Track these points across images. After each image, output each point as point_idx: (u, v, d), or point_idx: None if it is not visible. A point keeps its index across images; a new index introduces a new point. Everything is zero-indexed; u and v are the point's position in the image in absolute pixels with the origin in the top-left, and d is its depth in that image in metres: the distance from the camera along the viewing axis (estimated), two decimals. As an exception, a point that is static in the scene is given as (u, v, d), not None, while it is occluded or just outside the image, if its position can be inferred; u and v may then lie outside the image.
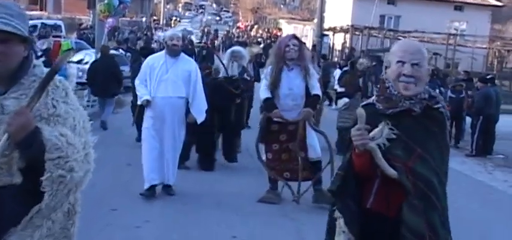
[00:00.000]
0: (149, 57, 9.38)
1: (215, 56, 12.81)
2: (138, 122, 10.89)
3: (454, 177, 12.03)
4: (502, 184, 12.42)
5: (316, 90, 8.65)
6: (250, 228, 7.90)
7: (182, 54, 9.14)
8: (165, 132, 8.77)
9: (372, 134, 3.48)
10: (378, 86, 3.76)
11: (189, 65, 9.08)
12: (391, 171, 3.43)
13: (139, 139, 10.84)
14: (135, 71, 11.24)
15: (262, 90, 8.60)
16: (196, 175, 10.56)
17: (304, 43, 8.45)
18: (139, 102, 9.21)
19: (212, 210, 8.50)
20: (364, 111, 3.44)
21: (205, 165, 11.02)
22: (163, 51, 9.16)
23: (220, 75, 11.50)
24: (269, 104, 8.47)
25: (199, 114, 9.01)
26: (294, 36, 9.01)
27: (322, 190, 8.48)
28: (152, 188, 8.79)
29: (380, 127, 3.51)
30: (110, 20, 19.92)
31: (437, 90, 15.87)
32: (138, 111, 10.72)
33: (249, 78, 12.62)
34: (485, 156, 15.55)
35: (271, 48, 10.52)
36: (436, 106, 3.59)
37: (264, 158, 8.82)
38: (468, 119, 17.39)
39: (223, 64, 11.64)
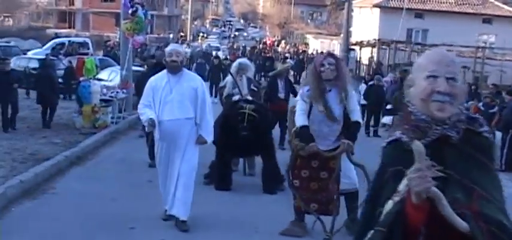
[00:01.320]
0: (152, 79, 8.28)
1: (229, 75, 11.31)
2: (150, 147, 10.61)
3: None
4: (533, 200, 12.00)
5: (356, 115, 7.54)
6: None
7: (185, 70, 8.34)
8: (175, 157, 8.00)
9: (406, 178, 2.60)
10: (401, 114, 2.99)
11: (194, 81, 8.17)
12: (463, 224, 2.54)
13: (152, 164, 10.42)
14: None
15: (298, 115, 7.47)
16: (213, 193, 10.05)
17: (342, 60, 7.48)
18: (145, 125, 8.26)
19: (230, 233, 8.18)
20: (421, 147, 2.56)
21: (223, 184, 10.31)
22: (165, 71, 8.12)
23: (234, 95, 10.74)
24: (305, 134, 7.40)
25: (209, 135, 8.16)
26: (330, 54, 7.80)
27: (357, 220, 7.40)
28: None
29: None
30: (139, 37, 19.88)
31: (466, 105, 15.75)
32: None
33: (256, 89, 11.54)
34: (515, 170, 15.20)
35: (306, 65, 9.53)
36: (480, 130, 2.86)
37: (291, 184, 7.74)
38: (497, 133, 17.10)
39: (237, 84, 10.65)
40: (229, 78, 11.32)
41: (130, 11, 18.62)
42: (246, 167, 11.48)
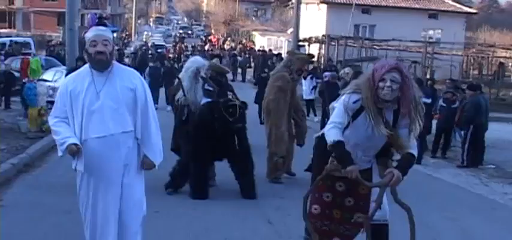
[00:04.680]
0: (67, 79, 5.96)
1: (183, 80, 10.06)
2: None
3: (452, 191, 11.60)
4: (502, 197, 11.81)
5: (414, 149, 5.51)
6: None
7: (117, 64, 5.81)
8: (109, 194, 5.62)
9: None
10: None
11: (130, 79, 5.71)
12: None
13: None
14: None
15: (332, 128, 5.50)
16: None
17: (409, 77, 5.46)
18: (60, 154, 5.65)
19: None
20: None
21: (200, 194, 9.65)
22: (87, 66, 5.70)
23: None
24: (343, 154, 5.39)
25: (157, 154, 5.83)
26: (397, 68, 5.39)
27: None
28: None
29: None
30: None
31: (430, 100, 15.42)
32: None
33: (211, 89, 10.36)
34: (477, 166, 14.97)
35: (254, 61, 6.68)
36: None
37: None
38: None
39: (184, 92, 9.87)
40: (185, 83, 10.01)
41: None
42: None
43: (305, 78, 22.43)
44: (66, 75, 13.28)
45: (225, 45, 66.09)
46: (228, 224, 8.30)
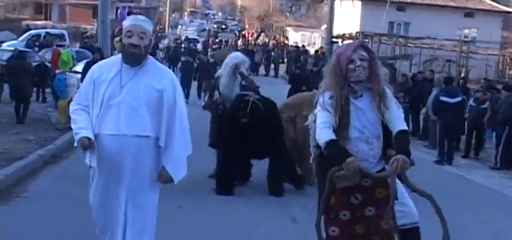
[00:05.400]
0: (95, 66, 5.38)
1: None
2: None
3: (484, 194, 11.34)
4: (537, 200, 11.49)
5: (401, 123, 5.19)
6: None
7: (152, 60, 5.28)
8: (120, 194, 5.17)
9: None
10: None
11: (160, 79, 5.16)
12: None
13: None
14: None
15: (321, 130, 5.09)
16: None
17: (374, 53, 5.32)
18: (75, 144, 5.17)
19: None
20: None
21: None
22: (119, 56, 5.28)
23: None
24: (336, 149, 5.01)
25: (178, 169, 5.25)
26: (362, 45, 5.26)
27: None
28: None
29: None
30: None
31: (461, 98, 15.15)
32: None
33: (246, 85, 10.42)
34: (510, 168, 14.65)
35: (324, 65, 6.31)
36: None
37: (324, 236, 5.22)
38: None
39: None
40: (223, 79, 10.08)
41: (118, 29, 17.98)
42: None
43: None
44: (84, 68, 13.20)
45: (259, 41, 65.96)
46: (253, 221, 8.20)
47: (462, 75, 30.66)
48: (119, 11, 18.40)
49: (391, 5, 43.85)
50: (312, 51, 44.37)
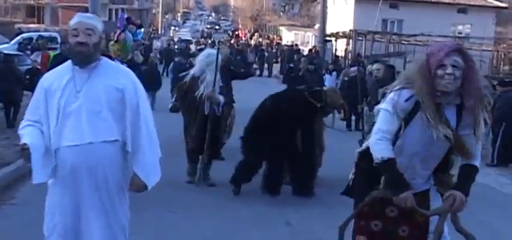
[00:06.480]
0: (45, 76, 4.82)
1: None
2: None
3: (481, 192, 11.17)
4: (537, 199, 11.33)
5: (476, 158, 4.46)
6: None
7: (105, 59, 4.79)
8: (85, 217, 4.62)
9: None
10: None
11: (119, 78, 4.67)
12: None
13: None
14: None
15: (377, 140, 4.37)
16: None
17: (473, 61, 4.32)
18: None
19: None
20: None
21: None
22: (69, 62, 4.68)
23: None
24: (396, 176, 4.32)
25: (150, 174, 4.76)
26: (458, 49, 4.30)
27: None
28: None
29: None
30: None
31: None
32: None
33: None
34: (507, 165, 14.50)
35: (320, 64, 5.10)
36: None
37: None
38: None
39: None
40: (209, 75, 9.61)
41: (116, 34, 17.82)
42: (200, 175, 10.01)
43: (330, 74, 22.04)
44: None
45: (252, 41, 65.90)
46: (246, 224, 8.04)
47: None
48: (118, 17, 18.31)
49: (384, 3, 43.73)
50: (306, 50, 44.24)
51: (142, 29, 19.36)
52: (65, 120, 4.51)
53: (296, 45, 48.44)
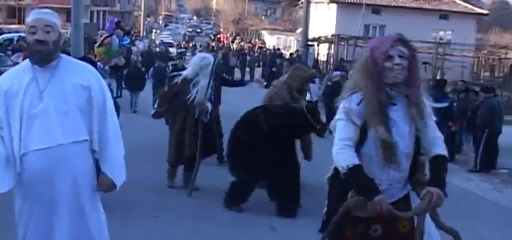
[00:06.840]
0: (2, 77, 4.51)
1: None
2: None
3: (464, 197, 11.19)
4: (518, 205, 11.37)
5: (441, 146, 4.23)
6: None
7: (66, 57, 4.57)
8: (54, 227, 4.36)
9: None
10: None
11: (83, 73, 4.49)
12: None
13: None
14: None
15: (339, 149, 4.09)
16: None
17: (415, 50, 4.17)
18: None
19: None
20: None
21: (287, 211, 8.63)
22: (27, 61, 4.44)
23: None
24: (364, 181, 4.04)
25: (118, 172, 4.57)
26: (401, 39, 4.09)
27: None
28: None
29: None
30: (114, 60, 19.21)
31: (446, 103, 14.91)
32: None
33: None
34: (490, 171, 14.54)
35: (351, 62, 4.83)
36: None
37: None
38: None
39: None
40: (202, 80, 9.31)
41: (103, 38, 17.76)
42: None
43: (313, 83, 22.00)
44: None
45: (234, 44, 65.82)
46: (231, 230, 7.96)
47: (438, 77, 30.65)
48: (108, 19, 18.01)
49: (366, 8, 43.98)
50: (287, 54, 44.25)
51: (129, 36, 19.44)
52: (31, 122, 4.26)
53: (278, 49, 48.43)
